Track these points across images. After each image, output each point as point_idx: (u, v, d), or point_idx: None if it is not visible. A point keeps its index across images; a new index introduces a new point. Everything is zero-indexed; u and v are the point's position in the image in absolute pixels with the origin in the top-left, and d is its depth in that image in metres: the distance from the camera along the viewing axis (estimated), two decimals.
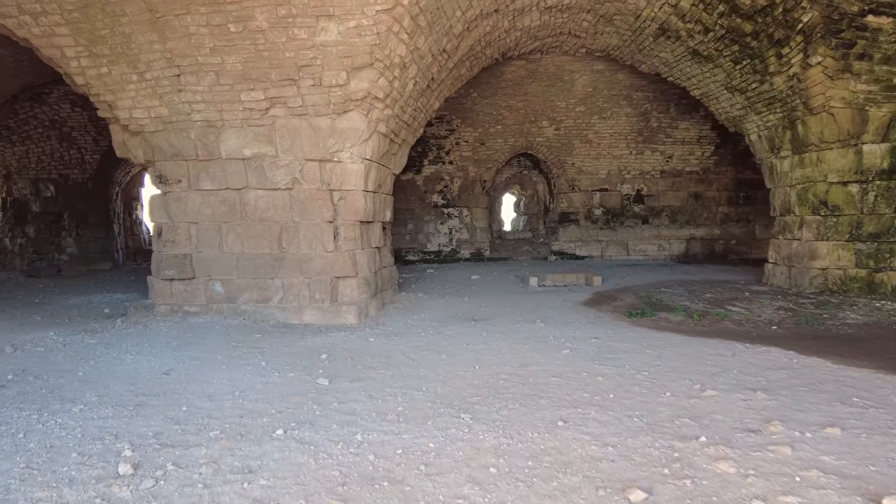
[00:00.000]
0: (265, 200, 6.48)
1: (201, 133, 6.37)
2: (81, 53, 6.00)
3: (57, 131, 12.50)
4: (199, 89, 6.08)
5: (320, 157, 6.34)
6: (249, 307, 6.49)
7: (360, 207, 6.57)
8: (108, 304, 7.99)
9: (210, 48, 5.83)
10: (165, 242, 6.67)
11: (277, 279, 6.48)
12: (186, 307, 6.60)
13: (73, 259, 13.08)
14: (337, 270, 6.48)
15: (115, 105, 6.32)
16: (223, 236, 6.59)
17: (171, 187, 6.59)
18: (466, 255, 13.70)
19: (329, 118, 6.22)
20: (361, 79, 6.00)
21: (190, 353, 4.90)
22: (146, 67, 6.02)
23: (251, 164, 6.40)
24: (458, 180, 13.56)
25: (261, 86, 6.04)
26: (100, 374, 4.26)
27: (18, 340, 5.43)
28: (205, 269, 6.61)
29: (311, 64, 5.87)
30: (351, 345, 5.25)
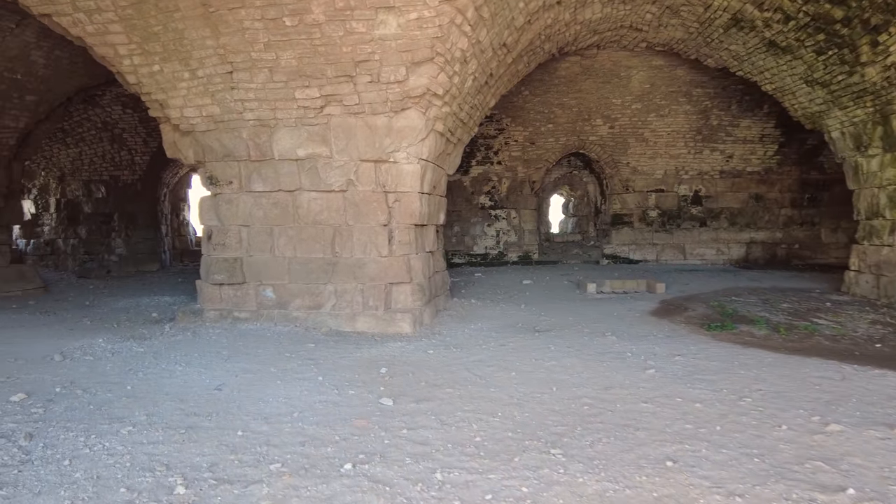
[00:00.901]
0: (318, 203, 6.20)
1: (253, 133, 6.12)
2: (134, 51, 5.82)
3: (108, 133, 12.58)
4: (252, 87, 5.83)
5: (376, 157, 6.01)
6: (301, 314, 6.21)
7: (416, 210, 6.22)
8: (156, 308, 7.85)
9: (264, 43, 5.57)
10: (215, 246, 6.45)
11: (330, 285, 6.18)
12: (236, 313, 6.37)
13: (122, 260, 13.16)
14: (391, 276, 6.15)
15: (166, 104, 6.13)
16: (275, 240, 6.33)
17: (222, 189, 6.37)
18: (514, 258, 13.24)
19: (386, 116, 5.88)
20: (421, 74, 5.65)
21: (242, 365, 4.62)
22: (198, 64, 5.80)
23: (304, 164, 6.12)
24: (506, 181, 13.12)
25: (316, 83, 5.75)
26: (149, 389, 4.00)
27: (68, 348, 5.26)
28: (255, 273, 6.37)
29: (368, 59, 5.55)
30: (409, 357, 4.90)
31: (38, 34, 8.41)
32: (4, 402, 3.70)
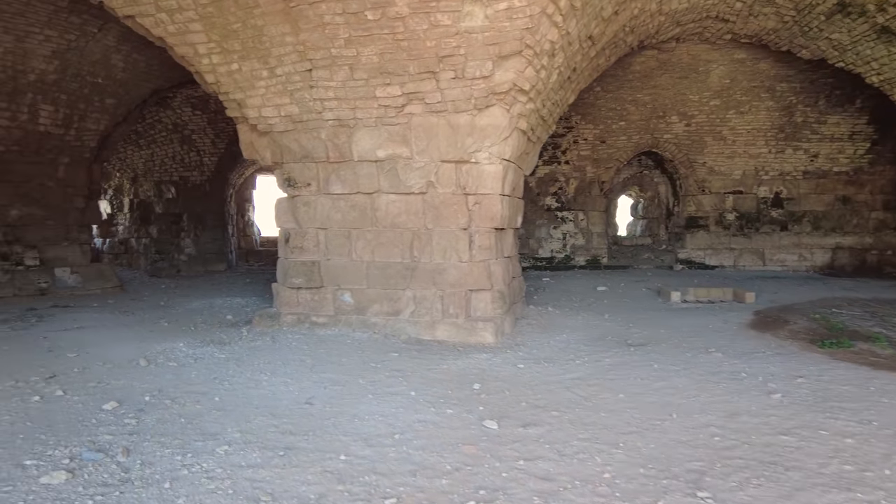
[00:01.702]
0: (397, 206, 5.97)
1: (332, 133, 5.95)
2: (213, 50, 5.73)
3: (178, 134, 12.80)
4: (332, 85, 5.65)
5: (457, 157, 5.73)
6: (379, 320, 6.00)
7: (497, 213, 5.91)
8: (230, 310, 7.82)
9: (345, 39, 5.38)
10: (293, 249, 6.32)
11: (409, 290, 5.95)
12: (314, 317, 6.22)
13: (191, 259, 13.37)
14: (471, 283, 5.86)
15: (244, 103, 6.03)
16: (352, 243, 6.14)
17: (300, 191, 6.22)
18: (581, 262, 12.76)
19: (469, 114, 5.60)
20: (507, 69, 5.34)
21: (328, 376, 4.42)
22: (277, 62, 5.66)
23: (384, 166, 5.90)
24: (574, 181, 12.66)
25: (397, 80, 5.51)
26: (237, 401, 3.84)
27: (151, 352, 5.19)
28: (333, 277, 6.20)
29: (453, 54, 5.28)
30: (500, 372, 4.59)
31: (118, 38, 8.54)
32: (98, 411, 3.59)
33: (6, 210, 8.95)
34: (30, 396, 3.87)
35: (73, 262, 9.67)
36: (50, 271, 9.36)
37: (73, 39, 8.23)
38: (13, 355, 5.06)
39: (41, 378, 4.31)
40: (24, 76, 8.33)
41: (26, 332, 6.25)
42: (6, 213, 8.95)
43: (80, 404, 3.74)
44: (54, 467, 2.75)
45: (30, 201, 9.18)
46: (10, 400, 3.82)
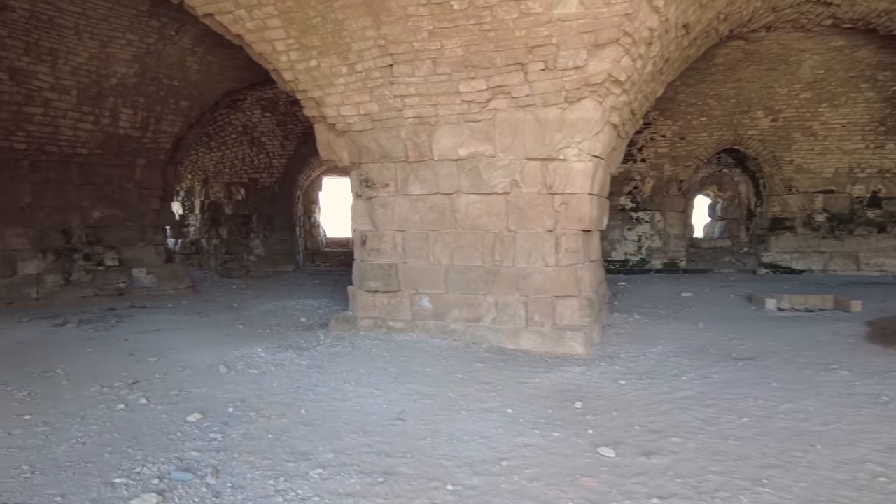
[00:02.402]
0: (478, 206, 5.66)
1: (412, 131, 5.70)
2: (291, 46, 5.58)
3: (248, 136, 12.94)
4: (414, 80, 5.40)
5: (544, 155, 5.37)
6: (459, 326, 5.71)
7: (585, 214, 5.51)
8: (303, 312, 7.71)
9: (428, 31, 5.11)
10: (369, 251, 6.11)
11: (490, 296, 5.63)
12: (391, 322, 5.99)
13: (260, 260, 13.50)
14: (557, 289, 5.48)
15: (322, 102, 5.86)
16: (430, 246, 5.88)
17: (377, 192, 6.01)
18: (658, 265, 12.11)
19: (558, 108, 5.23)
20: (602, 58, 4.94)
21: (415, 387, 4.16)
22: (357, 58, 5.46)
23: (465, 165, 5.61)
24: (650, 180, 12.03)
25: (483, 73, 5.21)
26: (324, 414, 3.61)
27: (230, 357, 5.07)
28: (411, 281, 5.96)
29: (544, 44, 4.93)
30: (600, 388, 4.21)
31: (194, 40, 8.61)
32: (182, 423, 3.44)
33: (89, 211, 9.17)
34: (115, 404, 3.77)
35: (148, 262, 9.85)
36: (127, 271, 9.55)
37: (151, 43, 8.34)
38: (97, 358, 5.04)
39: (125, 384, 4.23)
40: (106, 80, 8.50)
41: (108, 333, 6.29)
42: (89, 215, 9.18)
43: (165, 414, 3.60)
44: (144, 488, 2.57)
45: (110, 203, 9.39)
46: (96, 406, 3.73)
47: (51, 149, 8.63)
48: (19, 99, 7.95)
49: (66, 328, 6.54)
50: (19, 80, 7.80)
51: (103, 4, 7.42)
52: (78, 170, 9.01)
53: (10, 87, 7.81)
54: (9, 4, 7.05)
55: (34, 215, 8.65)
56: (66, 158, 8.86)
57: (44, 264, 8.75)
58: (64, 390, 4.10)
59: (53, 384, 4.25)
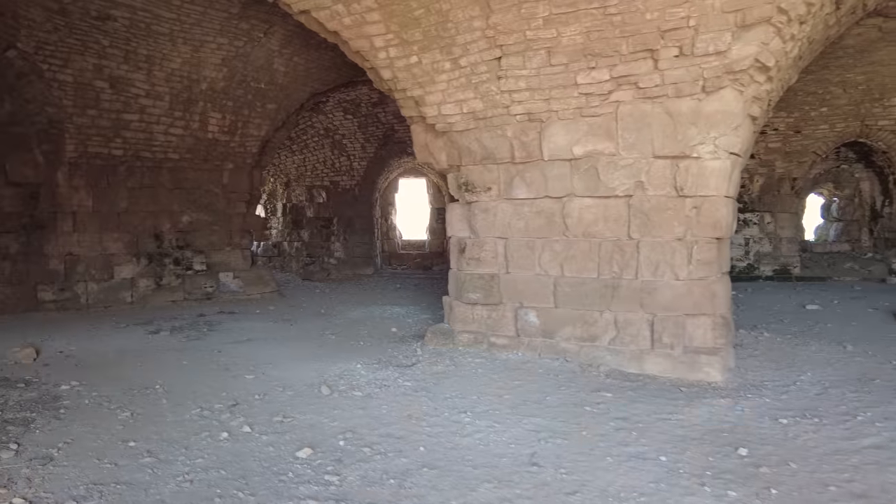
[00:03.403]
0: (592, 211, 5.09)
1: (520, 129, 5.20)
2: (391, 42, 5.20)
3: (330, 139, 12.83)
4: (524, 73, 4.89)
5: (674, 152, 4.74)
6: (571, 346, 5.16)
7: (720, 219, 4.83)
8: (392, 321, 7.37)
9: (543, 18, 4.59)
10: (468, 260, 5.66)
11: (608, 312, 5.05)
12: (492, 338, 5.52)
13: (340, 263, 13.38)
14: (689, 305, 4.83)
15: (422, 101, 5.45)
16: (537, 255, 5.36)
17: (478, 196, 5.55)
18: (768, 272, 11.05)
19: (693, 99, 4.59)
20: (749, 41, 4.26)
21: (539, 421, 3.65)
22: (462, 52, 5.01)
23: (580, 165, 5.05)
24: (759, 178, 11.00)
25: (605, 62, 4.64)
26: (446, 454, 3.17)
27: (329, 374, 4.74)
28: (514, 293, 5.46)
29: (679, 26, 4.30)
30: (759, 429, 3.55)
31: (281, 42, 8.46)
32: (292, 459, 3.08)
33: (179, 216, 9.23)
34: (218, 432, 3.47)
35: (235, 266, 9.83)
36: (215, 276, 9.56)
37: (240, 46, 8.24)
38: (193, 374, 4.84)
39: (224, 406, 3.95)
40: (197, 85, 8.49)
41: (200, 342, 6.14)
42: (179, 219, 9.23)
43: (271, 447, 3.26)
44: None
45: (198, 207, 9.42)
46: (199, 434, 3.44)
47: (145, 154, 8.72)
48: (118, 106, 8.03)
49: (160, 336, 6.46)
50: (118, 87, 7.88)
51: (196, 9, 7.35)
52: (169, 175, 9.08)
53: (110, 96, 7.90)
54: (111, 14, 7.08)
55: (129, 220, 8.75)
56: (158, 164, 8.93)
57: (138, 268, 8.85)
58: (165, 411, 3.86)
59: (154, 403, 4.03)
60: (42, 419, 3.65)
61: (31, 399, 4.06)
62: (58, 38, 7.06)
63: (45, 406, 3.91)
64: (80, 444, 3.30)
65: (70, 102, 7.63)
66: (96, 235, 8.45)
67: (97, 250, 8.46)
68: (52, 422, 3.62)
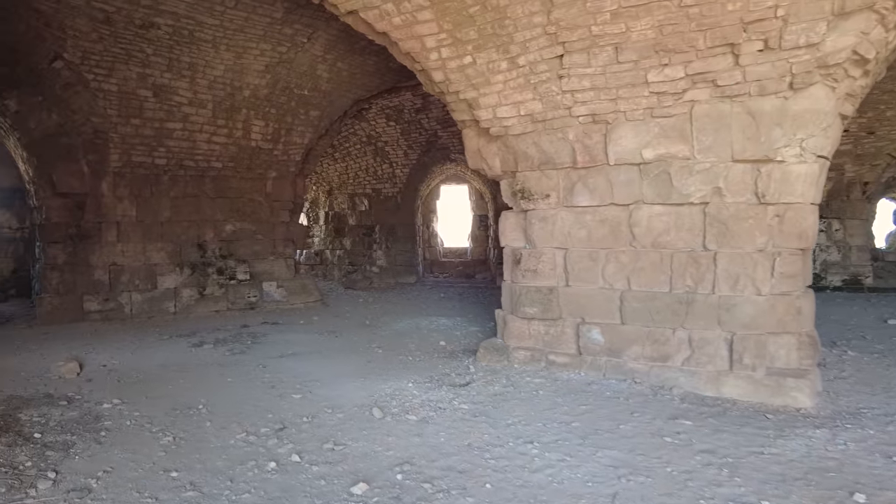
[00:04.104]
0: (663, 220, 4.69)
1: (583, 132, 4.85)
2: (443, 42, 4.92)
3: (372, 147, 12.66)
4: (589, 72, 4.54)
5: (756, 155, 4.31)
6: (639, 366, 4.75)
7: (806, 228, 4.37)
8: (440, 333, 7.06)
9: (611, 13, 4.23)
10: (525, 272, 5.31)
11: (681, 330, 4.63)
12: (551, 355, 5.15)
13: (382, 271, 13.18)
14: (772, 323, 4.38)
15: (475, 103, 5.15)
16: (600, 267, 4.98)
17: (536, 203, 5.20)
18: (836, 282, 10.36)
19: (779, 97, 4.16)
20: (847, 31, 3.82)
21: (614, 454, 3.27)
22: (520, 50, 4.68)
23: (650, 170, 4.66)
24: (827, 183, 10.24)
25: (679, 59, 4.25)
26: (516, 492, 2.83)
27: (379, 394, 4.45)
28: (575, 308, 5.09)
29: (765, 17, 3.88)
30: (872, 468, 3.10)
31: (325, 47, 8.28)
32: (346, 496, 2.80)
33: (222, 225, 9.13)
34: (265, 461, 3.21)
35: (278, 275, 9.69)
36: (258, 285, 9.43)
37: (283, 52, 8.09)
38: (238, 392, 4.61)
39: (271, 430, 3.69)
40: (240, 92, 8.38)
41: (244, 356, 5.94)
42: (222, 228, 9.13)
43: (323, 480, 2.98)
44: None
45: (242, 216, 9.31)
46: (245, 464, 3.18)
47: (188, 163, 8.65)
48: (161, 115, 7.97)
49: (203, 349, 6.29)
50: (162, 96, 7.82)
51: (239, 15, 7.22)
52: (212, 184, 9.00)
53: (153, 104, 7.85)
54: (155, 22, 7.00)
55: (172, 230, 8.69)
56: (202, 172, 8.86)
57: (181, 278, 8.77)
58: (208, 435, 3.63)
59: (197, 426, 3.80)
60: (82, 443, 3.45)
61: (72, 419, 3.88)
62: (103, 47, 7.02)
63: (85, 427, 3.72)
64: (120, 473, 3.08)
65: (115, 112, 7.60)
66: (140, 245, 8.40)
67: (141, 260, 8.41)
68: (93, 446, 3.42)
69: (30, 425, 3.72)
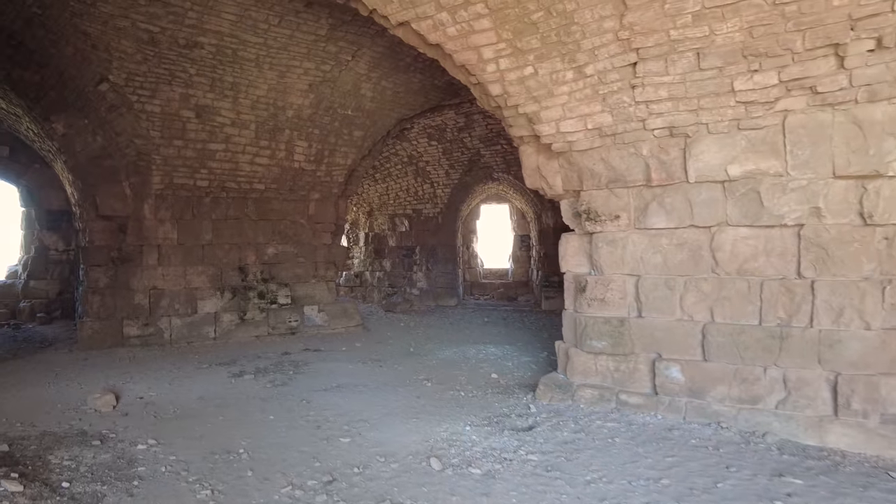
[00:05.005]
0: (750, 244, 4.19)
1: (658, 146, 4.40)
2: (502, 52, 4.55)
3: (413, 167, 12.40)
4: (666, 80, 4.10)
5: (863, 171, 3.79)
6: (725, 408, 4.21)
7: None
8: (489, 364, 6.61)
9: (693, 14, 3.80)
10: (591, 301, 4.84)
11: (774, 368, 4.08)
12: (623, 395, 4.65)
13: (423, 293, 12.81)
14: (884, 362, 3.81)
15: (536, 118, 4.75)
16: (678, 296, 4.48)
17: (603, 225, 4.75)
18: None
19: (893, 104, 3.64)
20: None
21: None
22: (588, 58, 4.28)
23: (736, 188, 4.18)
24: None
25: (772, 63, 3.78)
26: None
27: (434, 438, 4.03)
28: (649, 342, 4.59)
29: (879, 12, 3.40)
30: None
31: (369, 65, 8.05)
32: None
33: (264, 248, 8.92)
34: None
35: (319, 299, 9.40)
36: (300, 310, 9.15)
37: (327, 70, 7.88)
38: (281, 432, 4.24)
39: (319, 483, 3.30)
40: (283, 112, 8.20)
41: (286, 388, 5.59)
42: (264, 251, 8.91)
43: None
44: None
45: (284, 239, 9.09)
46: None
47: (230, 185, 8.48)
48: (203, 136, 7.83)
49: (243, 380, 5.98)
50: (204, 117, 7.67)
51: (283, 32, 7.03)
52: (254, 206, 8.81)
53: (196, 125, 7.71)
54: (199, 41, 6.87)
55: (213, 253, 8.50)
56: (244, 194, 8.68)
57: (221, 302, 8.55)
58: (250, 488, 3.25)
59: (237, 475, 3.43)
60: (113, 495, 3.12)
61: (104, 463, 3.56)
62: (147, 68, 6.91)
63: (118, 474, 3.39)
64: None
65: (157, 133, 7.47)
66: (180, 269, 8.23)
67: (181, 284, 8.22)
68: (124, 499, 3.08)
69: (59, 471, 3.41)
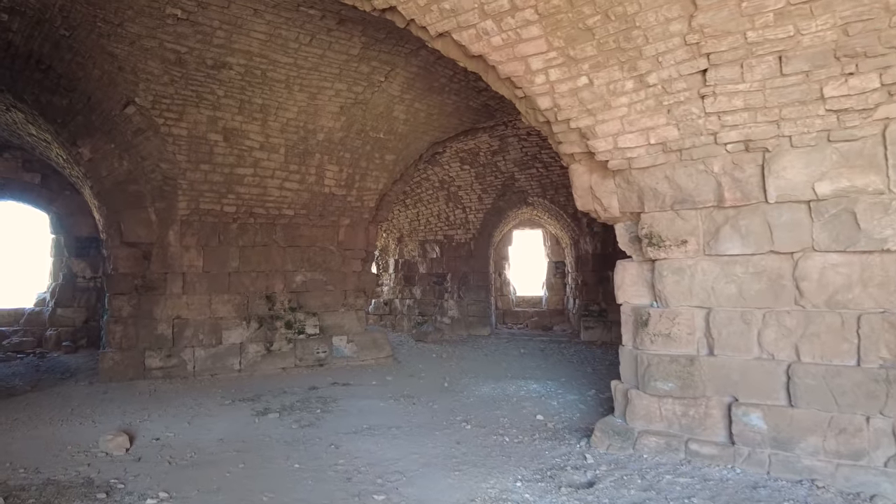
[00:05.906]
0: (842, 272, 3.64)
1: (731, 163, 3.91)
2: (552, 62, 4.14)
3: (445, 191, 12.04)
4: (742, 88, 3.64)
5: None
6: (820, 464, 3.63)
7: None
8: (533, 404, 6.07)
9: (774, 13, 3.35)
10: (654, 337, 4.32)
11: (879, 418, 3.50)
12: (692, 444, 4.08)
13: (454, 322, 12.32)
14: None
15: (591, 132, 4.31)
16: (755, 332, 3.94)
17: (667, 251, 4.25)
18: None
19: None
20: None
21: None
22: (651, 66, 3.84)
23: (825, 208, 3.66)
24: None
25: (871, 65, 3.29)
26: None
27: (482, 498, 3.52)
28: (723, 384, 4.04)
29: None
30: None
31: (402, 86, 7.73)
32: None
33: (293, 275, 8.57)
34: None
35: (349, 329, 8.99)
36: (328, 340, 8.75)
37: (359, 91, 7.59)
38: (307, 485, 3.78)
39: None
40: (313, 136, 7.92)
41: (313, 430, 5.15)
42: (292, 279, 8.57)
43: None
44: None
45: (313, 266, 8.74)
46: None
47: (258, 211, 8.19)
48: (231, 160, 7.57)
49: (267, 419, 5.55)
50: (232, 140, 7.43)
51: (314, 52, 6.76)
52: (283, 232, 8.50)
53: (223, 149, 7.46)
54: (227, 62, 6.63)
55: (240, 281, 8.18)
56: (272, 220, 8.38)
57: (247, 333, 8.20)
58: None
59: None
60: None
61: None
62: (174, 90, 6.69)
63: None
64: None
65: (184, 157, 7.23)
66: (205, 297, 7.90)
67: (206, 313, 7.89)
68: None
69: None
